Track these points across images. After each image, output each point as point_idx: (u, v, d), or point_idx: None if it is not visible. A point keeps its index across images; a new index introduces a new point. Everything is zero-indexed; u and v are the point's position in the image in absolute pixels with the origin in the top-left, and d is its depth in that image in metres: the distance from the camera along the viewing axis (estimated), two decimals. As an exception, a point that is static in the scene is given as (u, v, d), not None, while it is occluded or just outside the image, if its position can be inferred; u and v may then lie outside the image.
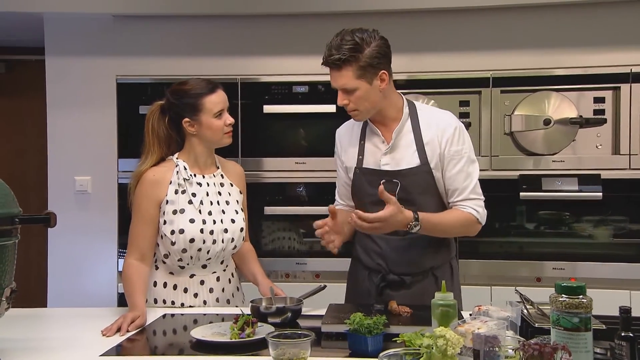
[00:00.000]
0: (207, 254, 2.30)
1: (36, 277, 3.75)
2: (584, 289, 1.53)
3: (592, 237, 3.23)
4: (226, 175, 2.44)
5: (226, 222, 2.33)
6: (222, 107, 2.30)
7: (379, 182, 2.17)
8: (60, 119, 3.48)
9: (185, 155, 2.36)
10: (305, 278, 3.36)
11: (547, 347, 1.39)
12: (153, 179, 2.29)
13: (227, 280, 2.41)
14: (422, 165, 2.20)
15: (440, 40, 3.30)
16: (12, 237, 1.67)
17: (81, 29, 3.46)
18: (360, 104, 2.16)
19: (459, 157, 2.21)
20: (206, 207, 2.31)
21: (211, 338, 1.83)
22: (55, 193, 3.47)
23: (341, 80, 2.13)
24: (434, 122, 2.24)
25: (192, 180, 2.32)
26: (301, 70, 3.33)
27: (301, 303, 2.13)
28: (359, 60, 2.10)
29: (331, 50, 2.11)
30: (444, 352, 1.34)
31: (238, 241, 2.37)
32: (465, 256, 3.25)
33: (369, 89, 2.14)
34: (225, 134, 2.32)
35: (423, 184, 2.21)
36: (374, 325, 1.70)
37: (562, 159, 3.21)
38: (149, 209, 2.27)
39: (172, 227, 2.25)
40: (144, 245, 2.28)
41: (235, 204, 2.40)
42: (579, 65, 3.22)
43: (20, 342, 1.90)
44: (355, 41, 2.10)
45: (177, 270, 2.33)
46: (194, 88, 2.29)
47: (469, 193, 2.20)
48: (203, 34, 3.41)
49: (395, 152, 2.24)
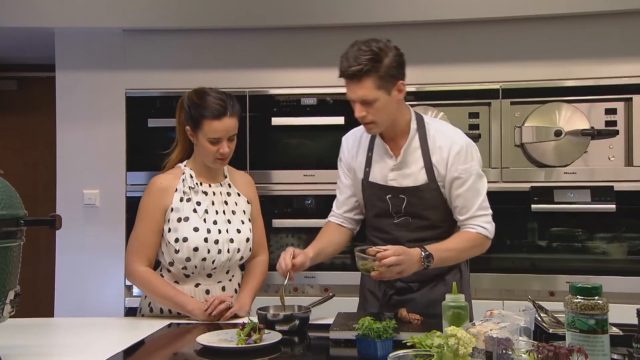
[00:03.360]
0: (212, 263, 2.27)
1: (44, 290, 3.73)
2: (600, 290, 1.49)
3: (606, 249, 3.17)
4: (234, 185, 2.42)
5: (232, 232, 2.31)
6: (220, 135, 2.22)
7: (384, 197, 2.19)
8: (70, 133, 3.48)
9: (192, 163, 2.36)
10: (314, 292, 3.32)
11: (562, 349, 1.35)
12: (161, 186, 2.29)
13: (233, 290, 2.38)
14: (430, 183, 2.18)
15: (449, 52, 3.29)
16: (16, 239, 1.66)
17: (91, 43, 3.49)
18: (378, 115, 2.12)
19: (467, 174, 2.17)
20: (211, 216, 2.29)
21: (217, 344, 1.80)
22: (63, 206, 3.46)
23: (361, 92, 2.08)
24: (441, 140, 2.20)
25: (197, 189, 2.31)
26: (309, 83, 3.33)
27: (309, 311, 2.10)
28: (378, 70, 2.06)
29: (349, 61, 2.07)
30: (456, 352, 1.30)
31: (245, 252, 2.34)
32: (477, 270, 3.19)
33: (387, 100, 2.11)
34: (216, 159, 2.28)
35: (431, 200, 2.19)
36: (383, 329, 1.66)
37: (574, 171, 3.17)
38: (156, 216, 2.26)
39: (177, 235, 2.24)
40: (151, 253, 2.27)
41: (242, 214, 2.38)
42: (589, 76, 3.19)
43: (25, 348, 1.88)
44: (374, 51, 2.06)
45: (182, 278, 2.30)
46: (204, 106, 2.22)
47: (477, 209, 2.17)
48: (212, 47, 3.42)
49: (403, 168, 2.22)
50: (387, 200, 2.22)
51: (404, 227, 2.22)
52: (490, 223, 2.19)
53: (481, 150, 3.20)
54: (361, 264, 2.01)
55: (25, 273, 1.73)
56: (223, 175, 2.41)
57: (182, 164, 2.35)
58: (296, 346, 1.94)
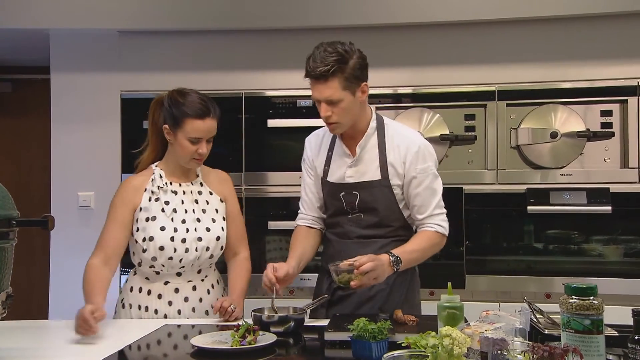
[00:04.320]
0: (180, 262, 2.28)
1: (38, 292, 3.72)
2: (595, 290, 1.49)
3: (602, 251, 3.17)
4: (206, 184, 2.42)
5: (200, 230, 2.31)
6: (201, 135, 2.25)
7: (338, 195, 2.29)
8: (65, 135, 3.48)
9: (164, 164, 2.37)
10: (309, 294, 3.29)
11: (557, 349, 1.34)
12: (131, 186, 2.32)
13: (205, 290, 2.36)
14: (383, 180, 2.25)
15: (445, 54, 3.30)
16: (9, 239, 1.64)
17: (86, 45, 3.49)
18: (343, 116, 2.18)
19: (424, 174, 2.24)
20: (180, 215, 2.30)
21: (212, 346, 1.79)
22: (58, 208, 3.45)
23: (327, 92, 2.14)
24: (398, 140, 2.28)
25: (166, 189, 2.32)
26: (305, 85, 3.24)
27: (304, 312, 2.09)
28: (344, 71, 2.12)
29: (316, 62, 2.12)
30: (450, 352, 1.29)
31: (215, 250, 2.34)
32: (473, 272, 3.21)
33: (352, 101, 2.17)
34: (193, 159, 2.29)
35: (381, 197, 2.25)
36: (378, 330, 1.65)
37: (570, 173, 3.17)
38: (124, 213, 2.28)
39: (144, 235, 2.26)
40: (110, 247, 2.25)
41: (214, 212, 2.38)
42: (585, 78, 3.20)
43: (18, 350, 1.86)
44: (340, 52, 2.12)
45: (153, 276, 2.31)
46: (186, 105, 2.25)
47: (434, 208, 2.25)
48: (207, 49, 3.42)
49: (359, 165, 2.28)
50: (340, 198, 2.29)
51: (355, 223, 2.30)
52: (446, 221, 2.27)
53: (477, 152, 3.26)
54: (338, 278, 2.06)
55: (20, 275, 1.72)
56: (195, 174, 2.42)
57: (154, 165, 2.37)
58: (291, 348, 1.93)
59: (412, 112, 3.27)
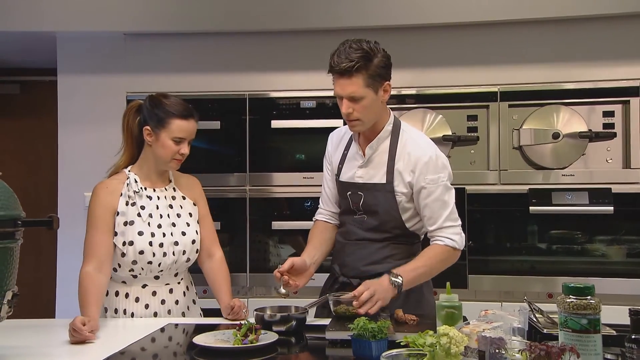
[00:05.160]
0: (159, 266, 2.30)
1: (46, 292, 3.75)
2: (593, 289, 1.50)
3: (604, 251, 3.18)
4: (179, 189, 2.44)
5: (176, 234, 2.33)
6: (184, 135, 2.28)
7: (346, 194, 2.30)
8: (71, 136, 3.51)
9: (138, 168, 2.37)
10: (314, 294, 3.31)
11: (554, 348, 1.36)
12: (107, 190, 2.31)
13: (181, 293, 2.39)
14: (387, 185, 2.23)
15: (447, 55, 3.31)
16: (14, 239, 1.67)
17: (93, 47, 3.51)
18: (364, 113, 2.17)
19: (434, 185, 2.20)
20: (155, 220, 2.32)
21: (214, 344, 1.81)
22: (65, 209, 3.48)
23: (350, 88, 2.12)
24: (410, 148, 2.24)
25: (142, 193, 2.33)
26: (309, 86, 3.35)
27: (306, 312, 2.11)
28: (368, 68, 2.11)
29: (340, 57, 2.11)
30: (448, 351, 1.31)
31: (191, 253, 2.36)
32: (476, 272, 3.22)
33: (374, 99, 2.16)
34: (174, 159, 2.31)
35: (384, 201, 2.24)
36: (378, 329, 1.67)
37: (572, 173, 3.18)
38: (105, 217, 2.27)
39: (123, 239, 2.27)
40: (101, 252, 2.24)
41: (188, 217, 2.40)
42: (587, 79, 3.21)
43: (23, 349, 1.89)
44: (365, 49, 2.11)
45: (130, 279, 2.32)
46: (171, 106, 2.28)
47: (444, 221, 2.20)
48: (212, 51, 3.45)
49: (369, 167, 2.28)
50: (347, 197, 2.30)
51: (358, 224, 2.30)
52: (459, 234, 2.22)
53: (480, 152, 3.27)
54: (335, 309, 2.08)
55: (28, 275, 1.74)
56: (168, 179, 2.44)
57: (127, 170, 2.37)
58: (293, 346, 1.95)
59: (415, 113, 3.28)
